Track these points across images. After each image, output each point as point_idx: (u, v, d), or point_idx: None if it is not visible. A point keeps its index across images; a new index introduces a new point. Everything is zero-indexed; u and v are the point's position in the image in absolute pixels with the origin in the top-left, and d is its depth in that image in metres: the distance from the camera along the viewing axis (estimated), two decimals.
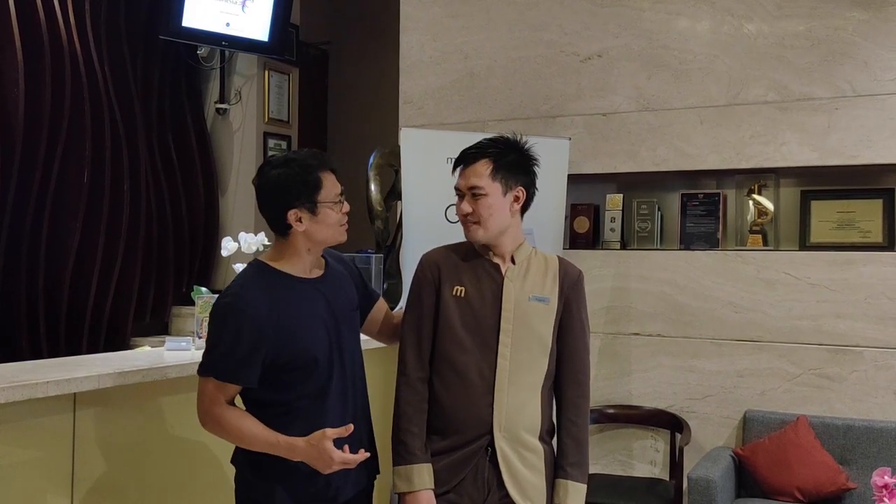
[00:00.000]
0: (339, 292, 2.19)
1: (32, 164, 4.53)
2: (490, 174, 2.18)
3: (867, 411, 3.60)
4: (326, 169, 2.11)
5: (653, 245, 4.12)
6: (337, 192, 2.12)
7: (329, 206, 2.10)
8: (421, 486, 2.14)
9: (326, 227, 2.11)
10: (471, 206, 2.18)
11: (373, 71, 6.29)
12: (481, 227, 2.18)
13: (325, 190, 2.09)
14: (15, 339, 4.49)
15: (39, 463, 2.28)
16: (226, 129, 5.73)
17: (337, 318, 2.14)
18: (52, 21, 4.63)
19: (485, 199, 2.17)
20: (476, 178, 2.17)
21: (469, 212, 2.18)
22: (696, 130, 3.94)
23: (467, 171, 2.20)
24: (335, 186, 2.12)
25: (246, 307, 2.03)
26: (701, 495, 3.29)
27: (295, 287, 2.11)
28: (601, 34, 4.12)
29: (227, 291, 2.10)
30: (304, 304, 2.10)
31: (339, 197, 2.12)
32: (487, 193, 2.17)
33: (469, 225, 2.20)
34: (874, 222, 3.77)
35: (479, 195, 2.17)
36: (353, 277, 2.30)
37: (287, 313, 2.06)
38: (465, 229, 2.22)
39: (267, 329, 2.02)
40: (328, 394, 2.10)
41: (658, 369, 3.96)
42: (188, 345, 2.90)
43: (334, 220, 2.11)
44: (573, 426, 2.23)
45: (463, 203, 2.20)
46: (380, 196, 4.20)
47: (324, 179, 2.09)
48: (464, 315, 2.19)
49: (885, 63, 3.63)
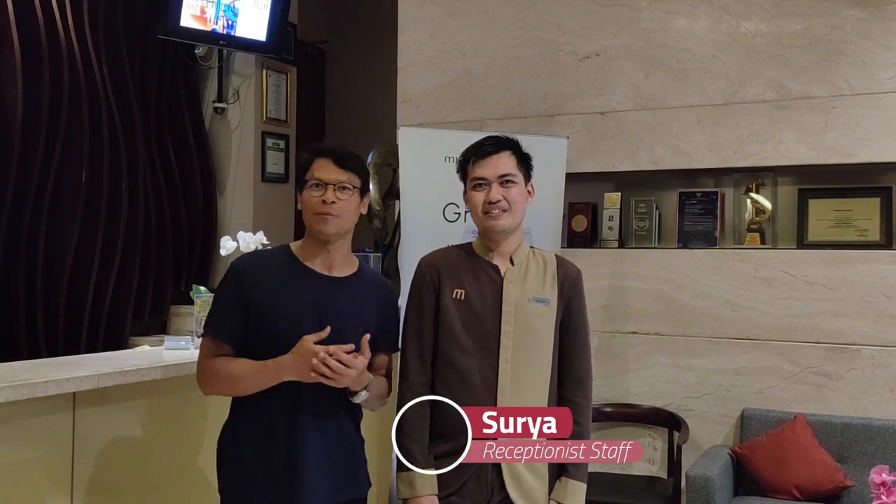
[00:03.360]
0: (350, 303, 2.13)
1: (30, 164, 4.52)
2: (516, 165, 2.21)
3: (865, 409, 3.61)
4: (325, 156, 2.10)
5: (651, 244, 4.13)
6: (314, 175, 2.08)
7: (307, 187, 2.09)
8: (424, 491, 2.14)
9: (305, 211, 2.11)
10: (500, 194, 2.17)
11: (371, 70, 6.29)
12: (511, 214, 2.18)
13: (309, 172, 2.10)
14: (13, 339, 4.49)
15: (39, 462, 2.28)
16: (224, 128, 5.73)
17: (330, 323, 2.07)
18: (50, 20, 4.62)
19: (516, 186, 2.19)
20: (507, 166, 2.19)
21: (499, 199, 2.17)
22: (693, 129, 3.94)
23: (493, 160, 2.19)
24: (319, 170, 2.08)
25: (241, 269, 2.11)
26: (699, 493, 3.29)
27: (299, 273, 2.11)
28: (599, 33, 4.12)
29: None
30: (300, 292, 2.09)
31: (314, 179, 2.07)
32: (518, 182, 2.20)
33: (497, 214, 2.17)
34: (872, 221, 3.78)
35: (510, 182, 2.18)
36: (382, 312, 2.21)
37: (277, 291, 2.08)
38: (487, 220, 2.18)
39: (253, 294, 2.06)
40: (301, 395, 2.05)
41: (656, 368, 3.96)
42: (187, 344, 2.90)
43: (307, 204, 2.09)
44: (576, 426, 2.22)
45: (492, 191, 2.17)
46: (378, 195, 4.20)
47: (314, 162, 2.10)
48: (464, 318, 2.18)
49: (883, 62, 3.64)
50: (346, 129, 6.41)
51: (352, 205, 2.11)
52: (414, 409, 2.18)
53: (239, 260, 2.17)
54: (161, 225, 5.33)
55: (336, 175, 2.08)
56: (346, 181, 2.09)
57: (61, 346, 4.68)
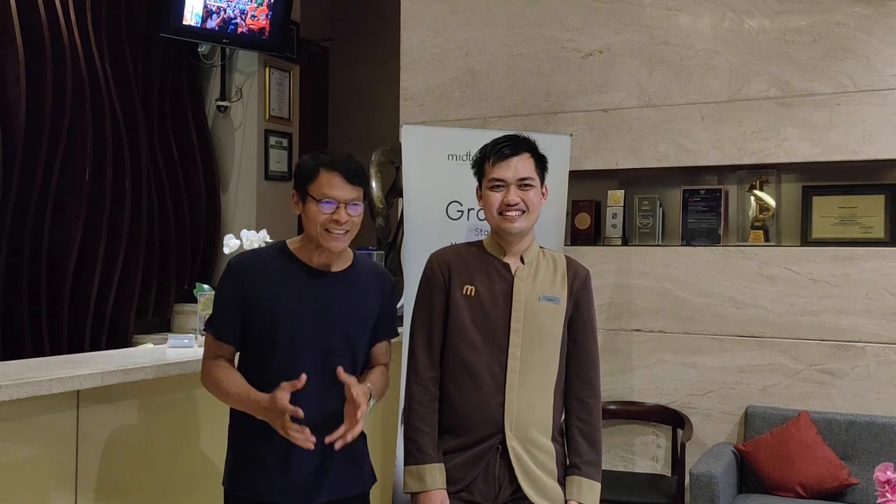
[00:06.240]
0: (349, 297, 2.15)
1: (34, 163, 4.53)
2: (534, 167, 2.22)
3: (869, 407, 3.60)
4: (333, 170, 2.08)
5: (654, 241, 4.12)
6: (325, 192, 2.07)
7: (313, 202, 2.09)
8: (433, 485, 2.14)
9: (309, 222, 2.11)
10: (519, 197, 2.18)
11: (373, 68, 6.29)
12: (527, 217, 2.19)
13: (315, 184, 2.09)
14: (17, 337, 4.50)
15: (43, 460, 2.29)
16: (227, 126, 5.73)
17: (329, 319, 2.10)
18: (53, 19, 4.62)
19: (533, 189, 2.20)
20: (526, 169, 2.20)
21: (518, 202, 2.18)
22: (697, 126, 3.94)
23: (513, 162, 2.20)
24: (330, 188, 2.07)
25: (238, 268, 2.13)
26: (703, 491, 3.29)
27: (296, 270, 2.12)
28: (602, 30, 4.11)
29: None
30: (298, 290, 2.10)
31: (326, 197, 2.06)
32: (535, 185, 2.21)
33: (514, 216, 2.18)
34: (876, 217, 3.77)
35: (529, 186, 2.19)
36: (382, 300, 2.23)
37: (275, 289, 2.09)
38: (503, 221, 2.19)
39: (252, 293, 2.08)
40: (300, 391, 2.04)
41: (659, 365, 3.96)
42: (190, 342, 2.90)
43: (315, 217, 2.08)
44: (586, 426, 2.23)
45: (510, 194, 2.18)
46: (381, 193, 4.21)
47: (321, 175, 2.09)
48: (474, 314, 2.19)
49: (887, 58, 3.63)
50: (349, 127, 6.41)
51: (360, 218, 2.13)
52: (423, 402, 2.19)
53: (236, 259, 2.18)
54: (164, 223, 5.34)
55: (348, 193, 2.08)
56: (356, 198, 2.11)
57: (65, 345, 4.68)
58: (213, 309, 2.17)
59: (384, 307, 2.24)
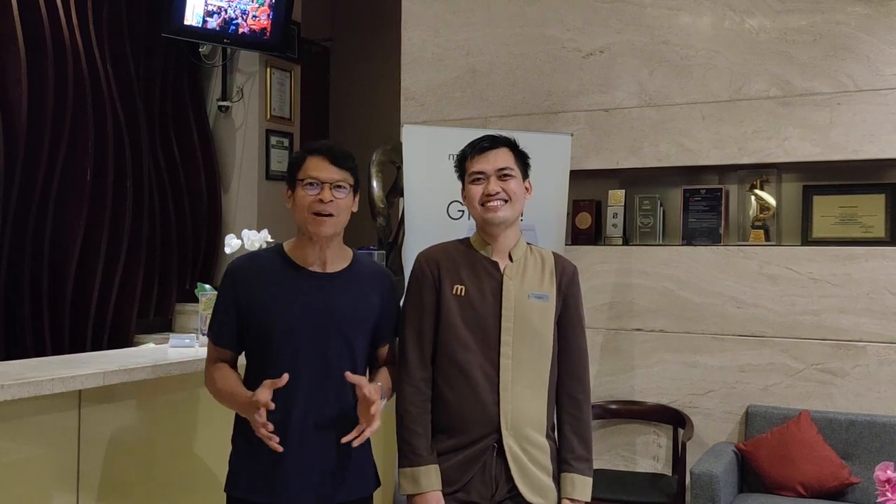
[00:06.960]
0: (346, 297, 2.13)
1: (35, 163, 4.54)
2: (514, 160, 2.24)
3: (870, 406, 3.60)
4: (319, 154, 2.09)
5: (655, 241, 4.12)
6: (310, 174, 2.06)
7: (300, 187, 2.08)
8: (428, 487, 2.13)
9: (297, 209, 2.09)
10: (499, 186, 2.19)
11: (374, 67, 6.30)
12: (510, 206, 2.19)
13: (302, 170, 2.09)
14: (19, 337, 4.51)
15: (45, 459, 2.29)
16: (228, 126, 5.74)
17: (326, 320, 2.09)
18: (55, 19, 4.63)
19: (514, 179, 2.21)
20: (505, 160, 2.22)
21: (498, 191, 2.19)
22: (698, 126, 3.94)
23: (491, 155, 2.22)
24: (316, 170, 2.06)
25: (235, 272, 2.13)
26: (703, 490, 3.29)
27: (292, 273, 2.11)
28: (603, 30, 4.12)
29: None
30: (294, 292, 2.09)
31: (311, 178, 2.06)
32: (515, 176, 2.22)
33: (496, 205, 2.18)
34: (877, 217, 3.77)
35: (508, 176, 2.20)
36: (383, 300, 2.21)
37: (271, 292, 2.08)
38: (486, 211, 2.19)
39: (247, 296, 2.08)
40: (300, 393, 2.05)
41: (660, 365, 3.96)
42: (192, 342, 2.90)
43: (301, 202, 2.07)
44: (577, 422, 2.24)
45: (490, 184, 2.19)
46: (382, 193, 4.21)
47: (307, 160, 2.09)
48: (465, 314, 2.19)
49: (888, 58, 3.63)
50: (350, 127, 6.41)
51: (347, 203, 2.12)
52: (416, 403, 2.18)
53: (234, 262, 2.18)
54: (165, 223, 5.34)
55: (332, 174, 2.08)
56: (341, 180, 2.09)
57: (67, 345, 4.69)
58: (212, 314, 2.18)
59: (385, 307, 2.22)
